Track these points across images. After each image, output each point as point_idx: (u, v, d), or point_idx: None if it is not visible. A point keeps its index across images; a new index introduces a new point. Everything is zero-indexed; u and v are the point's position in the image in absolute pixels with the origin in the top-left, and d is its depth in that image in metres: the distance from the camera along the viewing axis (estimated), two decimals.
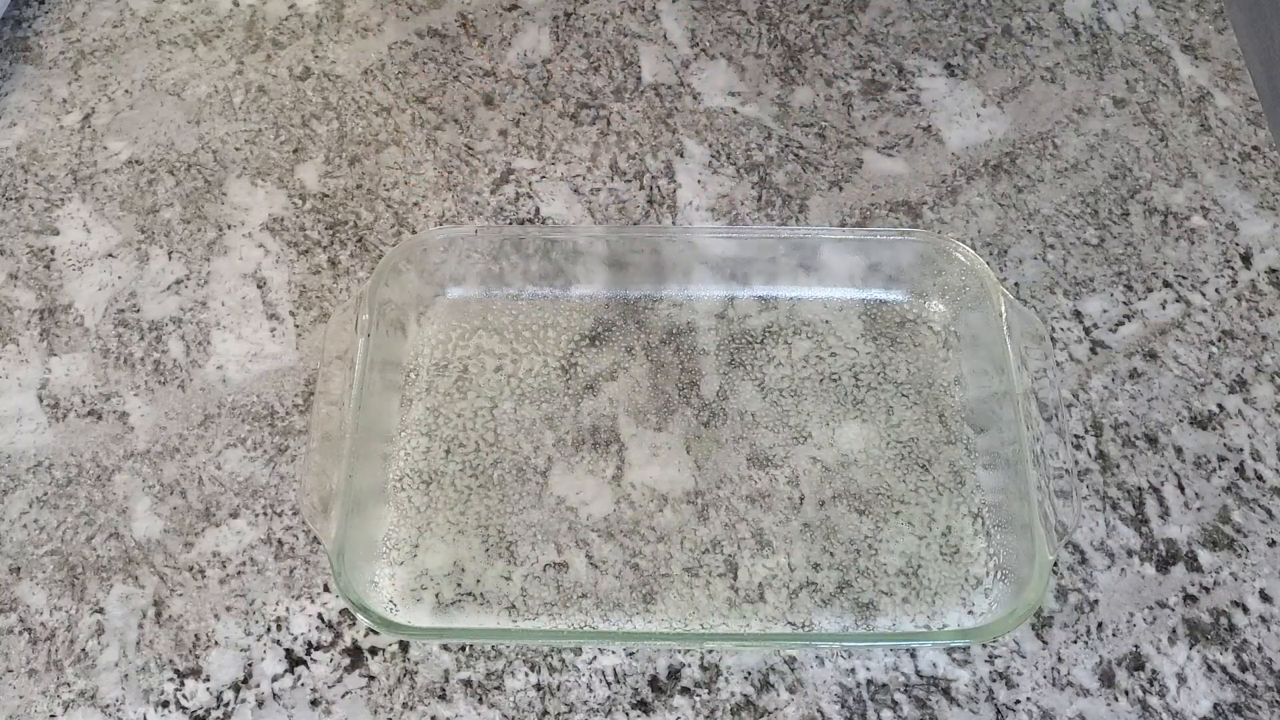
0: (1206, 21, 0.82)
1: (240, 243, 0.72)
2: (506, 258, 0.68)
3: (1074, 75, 0.80)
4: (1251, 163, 0.75)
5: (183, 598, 0.60)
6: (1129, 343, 0.68)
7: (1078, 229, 0.73)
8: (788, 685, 0.58)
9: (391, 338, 0.66)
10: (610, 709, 0.57)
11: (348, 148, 0.76)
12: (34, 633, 0.59)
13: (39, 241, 0.73)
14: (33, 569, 0.61)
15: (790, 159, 0.76)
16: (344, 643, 0.59)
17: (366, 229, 0.73)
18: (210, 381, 0.67)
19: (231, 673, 0.58)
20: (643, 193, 0.74)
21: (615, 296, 0.69)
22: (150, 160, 0.76)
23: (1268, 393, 0.66)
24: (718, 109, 0.78)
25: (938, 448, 0.64)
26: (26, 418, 0.66)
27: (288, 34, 0.82)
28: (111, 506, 0.63)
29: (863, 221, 0.73)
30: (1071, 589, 0.60)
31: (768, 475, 0.63)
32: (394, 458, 0.64)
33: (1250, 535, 0.62)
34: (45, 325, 0.69)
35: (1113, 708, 0.57)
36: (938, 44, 0.81)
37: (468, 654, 0.59)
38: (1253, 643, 0.59)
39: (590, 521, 0.62)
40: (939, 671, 0.58)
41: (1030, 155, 0.76)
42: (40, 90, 0.79)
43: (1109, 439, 0.65)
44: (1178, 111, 0.78)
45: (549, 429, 0.65)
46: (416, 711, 0.57)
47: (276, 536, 0.62)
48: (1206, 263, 0.71)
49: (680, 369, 0.67)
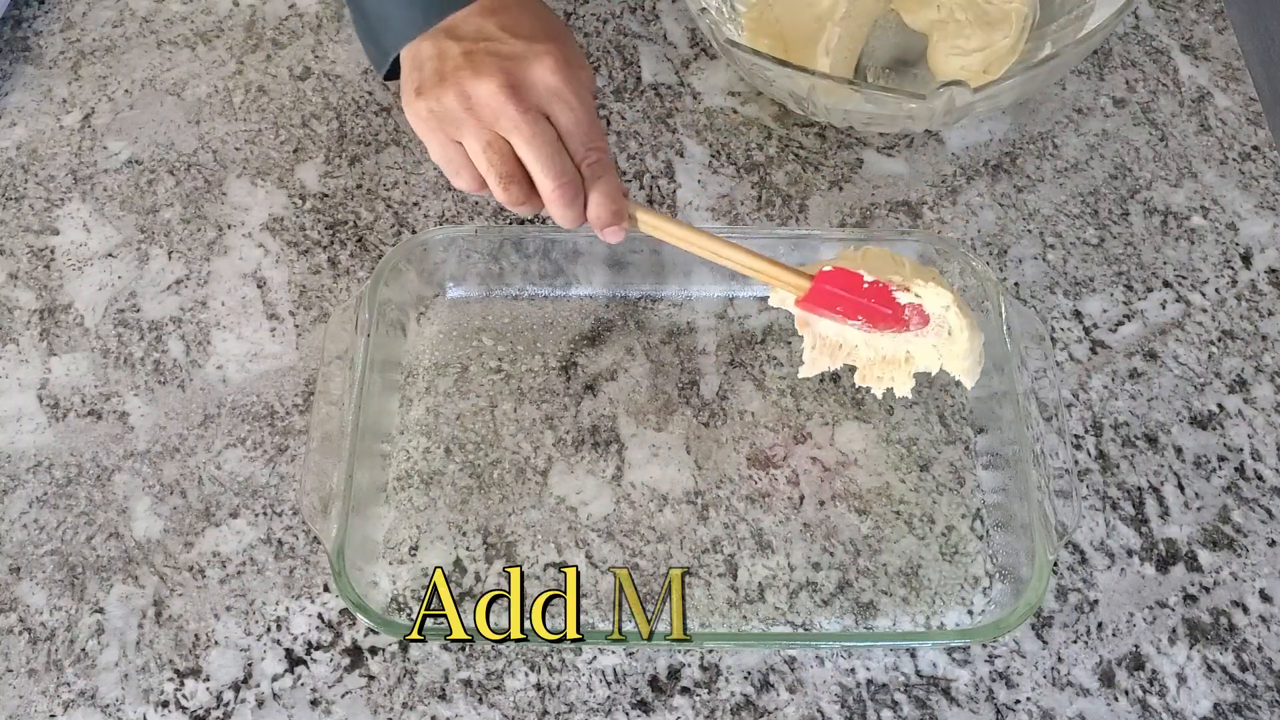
0: (1206, 21, 0.82)
1: (240, 243, 0.72)
2: (506, 258, 0.68)
3: (1074, 75, 0.80)
4: (1251, 163, 0.75)
5: (183, 598, 0.60)
6: (1129, 343, 0.68)
7: (1078, 229, 0.73)
8: (788, 685, 0.58)
9: (391, 338, 0.66)
10: (610, 709, 0.57)
11: (348, 148, 0.76)
12: (34, 633, 0.59)
13: (39, 241, 0.73)
14: (33, 569, 0.61)
15: (790, 159, 0.76)
16: (344, 643, 0.59)
17: (366, 229, 0.73)
18: (210, 381, 0.67)
19: (231, 673, 0.58)
20: (643, 193, 0.74)
21: (615, 296, 0.69)
22: (150, 160, 0.76)
23: (1268, 393, 0.66)
24: (718, 109, 0.78)
25: (938, 448, 0.64)
26: (26, 418, 0.66)
27: (288, 34, 0.82)
28: (111, 506, 0.63)
29: (863, 221, 0.73)
30: (1071, 589, 0.60)
31: (768, 475, 0.63)
32: (394, 458, 0.64)
33: (1250, 535, 0.62)
34: (45, 325, 0.69)
35: (1113, 708, 0.57)
36: None
37: (468, 654, 0.59)
38: (1253, 643, 0.59)
39: (590, 521, 0.62)
40: (939, 671, 0.58)
41: (1030, 155, 0.76)
42: (40, 90, 0.79)
43: (1109, 439, 0.65)
44: (1178, 111, 0.78)
45: (549, 429, 0.65)
46: (416, 711, 0.57)
47: (276, 536, 0.62)
48: (1206, 263, 0.71)
49: (680, 369, 0.67)
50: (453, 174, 0.55)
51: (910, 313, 0.60)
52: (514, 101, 0.51)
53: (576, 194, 0.54)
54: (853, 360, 0.64)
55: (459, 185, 0.55)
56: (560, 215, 0.55)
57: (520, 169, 0.53)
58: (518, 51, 0.52)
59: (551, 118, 0.53)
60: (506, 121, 0.52)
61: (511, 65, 0.52)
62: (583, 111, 0.54)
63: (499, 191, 0.54)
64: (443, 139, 0.53)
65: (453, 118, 0.52)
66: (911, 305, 0.59)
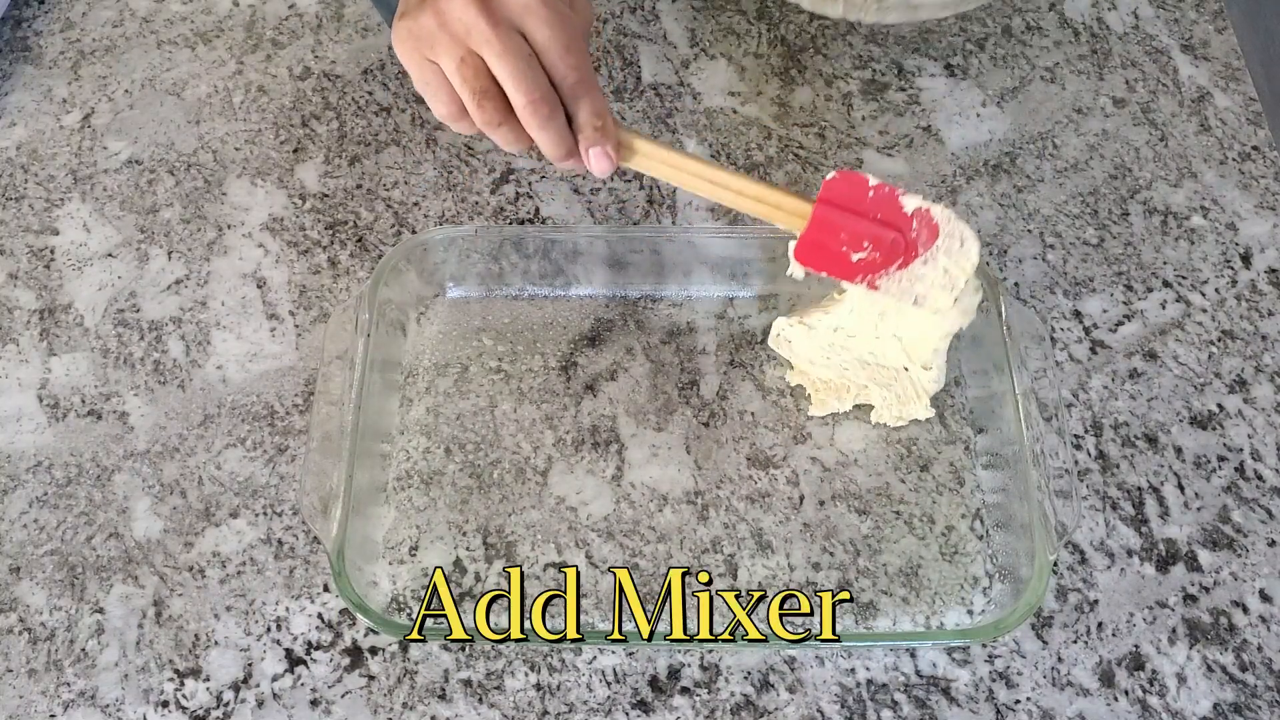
0: (1206, 21, 0.82)
1: (240, 243, 0.72)
2: (506, 258, 0.68)
3: (1074, 75, 0.80)
4: (1251, 163, 0.75)
5: (183, 598, 0.60)
6: (1129, 343, 0.68)
7: (1078, 229, 0.73)
8: (788, 685, 0.58)
9: (391, 338, 0.66)
10: (610, 709, 0.57)
11: (348, 148, 0.76)
12: (34, 633, 0.59)
13: (39, 241, 0.73)
14: (33, 569, 0.61)
15: (790, 159, 0.76)
16: (344, 643, 0.59)
17: (366, 229, 0.73)
18: (210, 381, 0.67)
19: (231, 673, 0.58)
20: (643, 192, 0.74)
21: (615, 296, 0.69)
22: (150, 160, 0.76)
23: (1268, 393, 0.66)
24: (718, 109, 0.78)
25: (938, 448, 0.64)
26: (26, 418, 0.66)
27: (288, 34, 0.82)
28: (111, 506, 0.63)
29: None
30: (1071, 589, 0.60)
31: (768, 475, 0.63)
32: (394, 458, 0.64)
33: (1250, 535, 0.62)
34: (45, 325, 0.69)
35: (1113, 708, 0.57)
36: (938, 44, 0.81)
37: (468, 654, 0.59)
38: (1253, 643, 0.59)
39: (590, 521, 0.62)
40: (939, 671, 0.58)
41: (1030, 155, 0.76)
42: (40, 90, 0.79)
43: (1109, 439, 0.65)
44: (1178, 111, 0.78)
45: (549, 429, 0.65)
46: (416, 711, 0.57)
47: (276, 536, 0.62)
48: (1206, 263, 0.71)
49: (680, 369, 0.67)
50: (430, 96, 0.54)
51: (918, 225, 0.57)
52: (485, 15, 0.51)
53: (552, 112, 0.52)
54: (865, 399, 0.64)
55: (437, 112, 0.54)
56: (539, 137, 0.53)
57: (495, 85, 0.52)
58: None
59: (526, 34, 0.52)
60: (478, 35, 0.51)
61: None
62: (560, 28, 0.52)
63: (475, 110, 0.53)
64: (420, 59, 0.53)
65: (428, 36, 0.52)
66: (918, 211, 0.57)
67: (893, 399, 0.63)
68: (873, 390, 0.64)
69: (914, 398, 0.63)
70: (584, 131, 0.54)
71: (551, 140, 0.53)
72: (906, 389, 0.63)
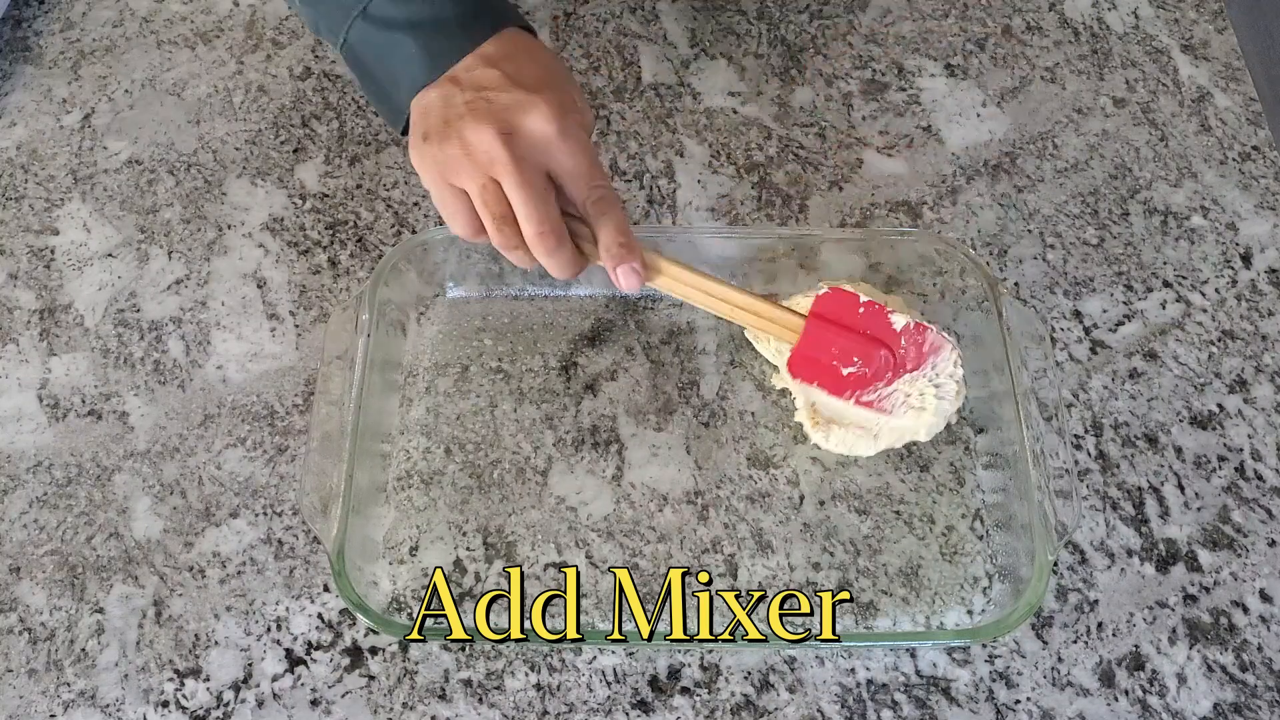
0: (1206, 21, 0.82)
1: (240, 243, 0.72)
2: (506, 258, 0.68)
3: (1074, 75, 0.80)
4: (1251, 163, 0.75)
5: (183, 598, 0.60)
6: (1129, 343, 0.68)
7: (1078, 229, 0.73)
8: (788, 685, 0.58)
9: (391, 338, 0.66)
10: (610, 709, 0.57)
11: (348, 148, 0.76)
12: (34, 633, 0.59)
13: (39, 241, 0.73)
14: (33, 569, 0.61)
15: (790, 159, 0.76)
16: (344, 643, 0.59)
17: (366, 229, 0.73)
18: (210, 381, 0.67)
19: (231, 673, 0.58)
20: (643, 192, 0.74)
21: (615, 296, 0.69)
22: (150, 160, 0.76)
23: (1268, 393, 0.66)
24: (718, 109, 0.78)
25: (938, 448, 0.64)
26: (26, 418, 0.66)
27: (288, 34, 0.82)
28: (111, 506, 0.63)
29: (863, 221, 0.73)
30: (1071, 589, 0.60)
31: (768, 475, 0.63)
32: (394, 458, 0.64)
33: (1250, 535, 0.62)
34: (45, 325, 0.69)
35: (1113, 708, 0.57)
36: (938, 44, 0.81)
37: (468, 654, 0.59)
38: (1253, 643, 0.59)
39: (590, 521, 0.62)
40: (939, 671, 0.58)
41: (1030, 155, 0.76)
42: (40, 90, 0.79)
43: (1109, 439, 0.65)
44: (1178, 111, 0.78)
45: (549, 429, 0.65)
46: (416, 711, 0.57)
47: (276, 536, 0.62)
48: (1206, 263, 0.71)
49: (680, 369, 0.67)
50: (448, 216, 0.57)
51: (906, 342, 0.60)
52: (508, 149, 0.54)
53: (559, 244, 0.56)
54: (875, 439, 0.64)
55: (456, 230, 0.58)
56: (545, 262, 0.57)
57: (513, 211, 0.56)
58: (515, 100, 0.55)
59: (550, 164, 0.56)
60: (500, 167, 0.55)
61: (507, 114, 0.55)
62: (581, 155, 0.56)
63: (494, 233, 0.56)
64: (443, 183, 0.56)
65: (454, 164, 0.55)
66: (907, 328, 0.60)
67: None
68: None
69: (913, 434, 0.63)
70: (610, 250, 0.57)
71: (557, 266, 0.57)
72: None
